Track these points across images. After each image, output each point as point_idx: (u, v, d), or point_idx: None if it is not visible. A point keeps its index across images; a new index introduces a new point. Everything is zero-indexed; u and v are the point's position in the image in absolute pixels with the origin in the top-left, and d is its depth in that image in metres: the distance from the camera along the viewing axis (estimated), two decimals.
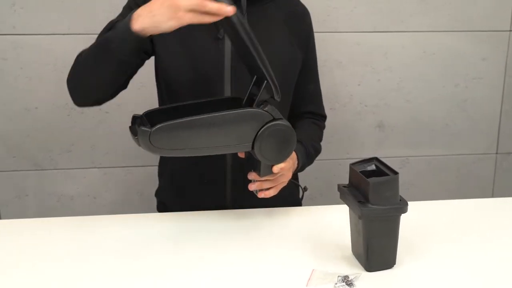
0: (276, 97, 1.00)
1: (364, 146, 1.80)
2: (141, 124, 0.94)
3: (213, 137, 0.96)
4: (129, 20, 0.95)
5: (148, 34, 0.95)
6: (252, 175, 1.06)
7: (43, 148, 1.68)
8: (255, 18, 1.11)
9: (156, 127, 0.91)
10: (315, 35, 1.28)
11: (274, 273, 0.93)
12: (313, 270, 0.93)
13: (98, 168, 1.73)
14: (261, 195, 1.07)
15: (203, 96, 1.09)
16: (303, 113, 1.28)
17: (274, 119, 0.99)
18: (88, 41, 1.58)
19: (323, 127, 1.32)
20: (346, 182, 0.98)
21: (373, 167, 0.96)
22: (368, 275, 0.92)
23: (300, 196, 1.31)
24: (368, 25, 1.69)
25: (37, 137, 1.67)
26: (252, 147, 0.99)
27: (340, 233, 1.04)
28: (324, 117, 1.33)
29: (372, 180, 0.89)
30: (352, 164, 0.96)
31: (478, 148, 1.85)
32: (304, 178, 1.33)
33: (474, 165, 1.86)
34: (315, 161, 1.27)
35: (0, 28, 1.56)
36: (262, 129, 0.98)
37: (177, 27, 0.92)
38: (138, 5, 1.10)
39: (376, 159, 0.97)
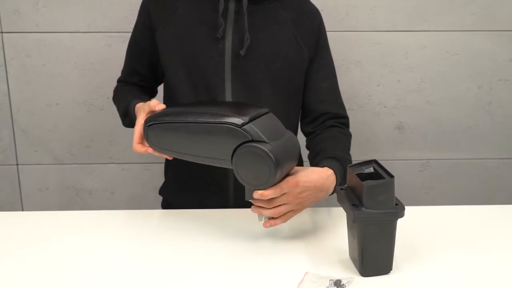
0: None
1: (383, 148, 1.76)
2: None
3: (194, 145, 0.96)
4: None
5: None
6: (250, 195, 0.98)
7: (63, 143, 1.73)
8: (258, 17, 1.10)
9: (150, 123, 0.98)
10: (334, 34, 1.25)
11: (268, 273, 0.92)
12: (306, 272, 0.92)
13: (116, 163, 1.76)
14: (266, 225, 0.99)
15: (204, 95, 1.09)
16: (321, 114, 1.22)
17: (252, 140, 0.91)
18: (107, 39, 1.63)
19: (350, 135, 1.24)
20: None
21: (371, 169, 0.93)
22: (362, 280, 0.90)
23: None
24: (388, 23, 1.65)
25: (58, 132, 1.71)
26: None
27: (339, 236, 1.02)
28: (345, 118, 1.25)
29: (367, 183, 0.87)
30: (350, 166, 0.94)
31: (503, 152, 1.78)
32: None
33: (498, 170, 1.79)
34: None
35: (24, 26, 1.62)
36: (238, 148, 0.92)
37: None
38: (149, 13, 1.13)
39: (375, 161, 0.95)
